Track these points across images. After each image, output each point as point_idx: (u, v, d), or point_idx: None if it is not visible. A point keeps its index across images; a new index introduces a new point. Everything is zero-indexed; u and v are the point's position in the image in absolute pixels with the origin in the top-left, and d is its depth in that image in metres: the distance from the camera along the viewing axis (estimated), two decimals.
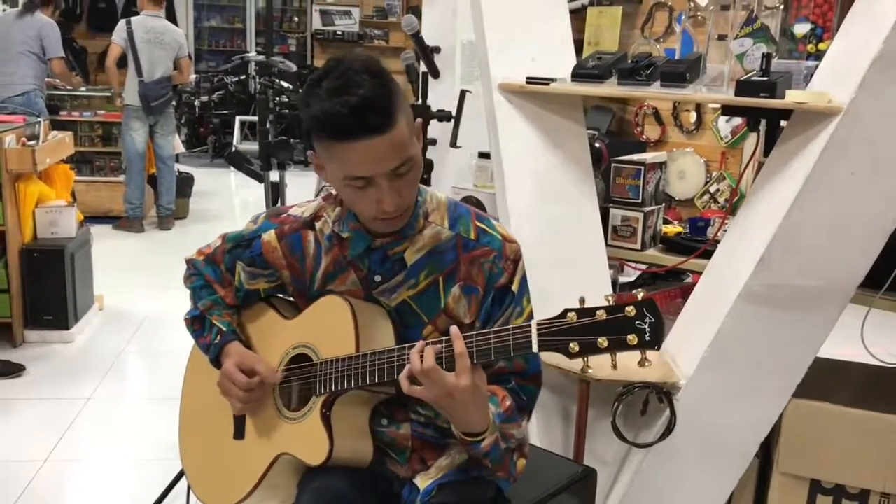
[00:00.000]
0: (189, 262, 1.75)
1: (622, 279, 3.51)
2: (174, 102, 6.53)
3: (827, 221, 2.04)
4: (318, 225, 1.61)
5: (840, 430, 2.26)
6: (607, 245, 2.69)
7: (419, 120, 1.49)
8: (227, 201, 8.22)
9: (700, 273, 2.68)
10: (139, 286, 5.15)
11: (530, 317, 1.58)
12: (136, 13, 6.36)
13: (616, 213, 2.75)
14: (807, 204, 2.02)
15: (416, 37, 2.88)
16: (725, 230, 2.62)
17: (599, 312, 1.29)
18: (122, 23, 6.27)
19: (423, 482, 1.57)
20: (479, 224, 1.58)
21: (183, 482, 2.70)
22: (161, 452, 3.06)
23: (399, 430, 1.61)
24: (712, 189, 5.64)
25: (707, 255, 2.56)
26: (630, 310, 1.27)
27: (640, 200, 2.71)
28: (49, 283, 4.11)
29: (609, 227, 2.76)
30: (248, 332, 1.71)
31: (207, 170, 9.08)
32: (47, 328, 4.16)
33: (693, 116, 5.77)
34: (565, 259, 2.44)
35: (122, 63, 6.32)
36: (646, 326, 1.27)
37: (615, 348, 1.29)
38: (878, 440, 2.23)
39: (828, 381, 2.35)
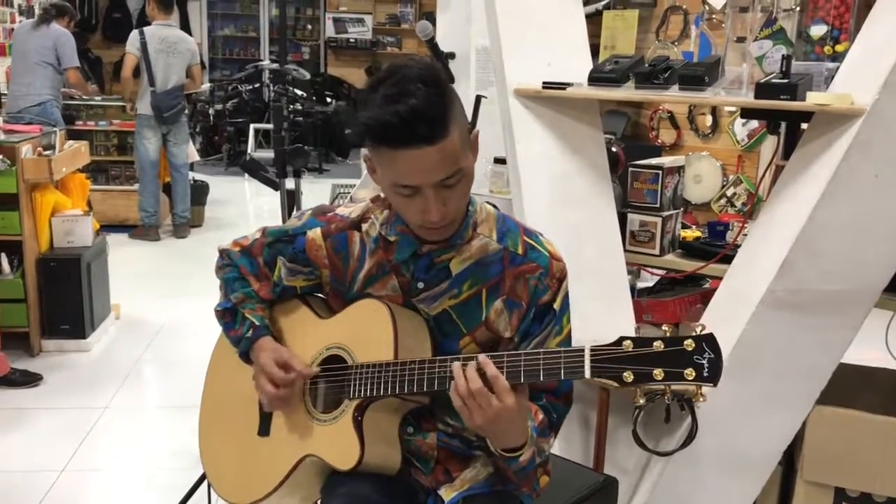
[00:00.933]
0: (223, 251, 1.72)
1: (640, 284, 3.47)
2: (187, 111, 6.54)
3: (850, 224, 2.00)
4: (364, 227, 1.60)
5: (865, 436, 2.22)
6: (625, 250, 2.66)
7: (476, 131, 1.47)
8: (242, 209, 8.24)
9: (719, 278, 2.65)
10: (155, 295, 5.16)
11: (569, 337, 1.56)
12: (150, 23, 6.38)
13: (634, 218, 2.72)
14: (830, 207, 1.99)
15: (431, 42, 2.86)
16: (745, 234, 2.59)
17: (657, 343, 1.27)
18: (135, 33, 6.29)
19: (447, 494, 1.55)
20: (527, 239, 1.56)
21: (202, 490, 2.69)
22: (179, 462, 3.06)
23: (425, 439, 1.59)
24: (729, 193, 5.60)
25: (727, 259, 2.52)
26: (689, 343, 1.26)
27: (658, 205, 2.68)
28: (65, 293, 4.12)
29: (627, 233, 2.73)
30: (281, 327, 1.69)
31: (222, 178, 9.10)
32: (64, 337, 4.17)
33: (709, 120, 5.72)
34: (584, 265, 2.41)
35: (136, 72, 6.35)
36: (704, 361, 1.25)
37: (671, 380, 1.27)
38: None
39: (852, 387, 2.32)
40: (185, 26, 11.91)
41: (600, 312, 2.37)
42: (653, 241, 2.71)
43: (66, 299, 4.13)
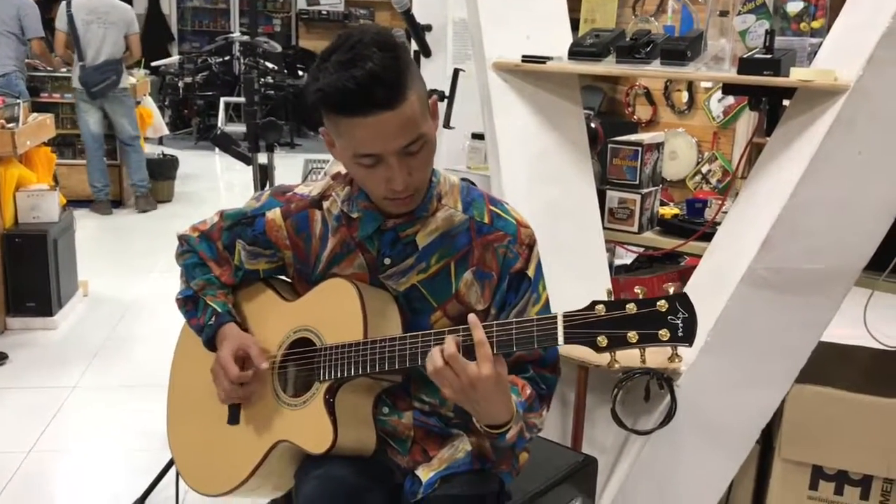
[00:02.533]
0: (182, 237, 1.67)
1: (617, 262, 3.46)
2: (125, 85, 6.32)
3: (833, 202, 1.99)
4: (325, 204, 1.55)
5: (843, 415, 2.22)
6: (604, 228, 2.63)
7: (434, 96, 1.43)
8: (213, 183, 8.12)
9: (696, 255, 2.63)
10: (124, 271, 5.07)
11: (546, 304, 1.53)
12: None
13: (613, 195, 2.69)
14: (812, 185, 1.97)
15: (407, 14, 2.81)
16: (724, 212, 2.57)
17: (630, 306, 1.25)
18: (62, 6, 6.01)
19: (425, 474, 1.52)
20: (492, 208, 1.53)
21: (173, 472, 2.65)
22: (149, 442, 3.00)
23: (401, 419, 1.56)
24: (704, 170, 5.60)
25: (705, 237, 2.51)
26: (662, 304, 1.23)
27: (637, 182, 2.65)
28: (31, 269, 4.03)
29: (605, 210, 2.70)
30: (245, 313, 1.64)
31: (192, 152, 8.97)
32: (30, 315, 4.08)
33: (685, 96, 5.71)
34: (562, 242, 2.39)
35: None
36: (678, 322, 1.23)
37: (645, 342, 1.24)
38: (882, 425, 2.20)
39: (830, 365, 2.31)
40: None
41: (578, 290, 2.33)
42: (631, 218, 2.69)
43: (32, 276, 4.04)
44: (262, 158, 2.74)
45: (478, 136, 3.17)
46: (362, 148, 1.35)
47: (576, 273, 2.37)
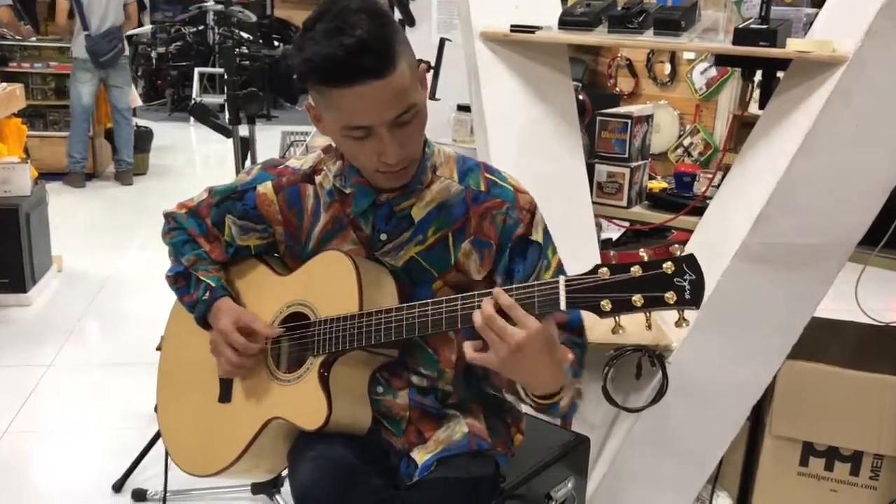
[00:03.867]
0: (168, 215, 1.61)
1: (603, 236, 3.42)
2: (127, 53, 6.23)
3: (829, 176, 1.95)
4: (317, 179, 1.50)
5: (833, 390, 2.22)
6: (592, 202, 2.59)
7: (423, 65, 1.38)
8: (188, 156, 7.99)
9: (685, 230, 2.60)
10: (100, 246, 4.98)
11: (559, 268, 1.49)
12: None
13: (602, 169, 2.64)
14: (808, 158, 1.93)
15: None
16: (715, 186, 2.53)
17: (634, 268, 1.19)
18: None
19: (421, 456, 1.48)
20: (489, 176, 1.49)
21: (155, 450, 2.60)
22: (128, 421, 2.94)
23: (396, 398, 1.52)
24: (686, 142, 5.57)
25: (695, 211, 2.47)
26: (668, 266, 1.17)
27: (626, 156, 2.60)
28: (3, 245, 3.93)
29: (594, 184, 2.66)
30: (238, 288, 1.59)
31: (167, 123, 8.82)
32: (3, 292, 3.98)
33: (668, 68, 5.67)
34: (551, 217, 2.30)
35: (71, 14, 6.03)
36: (685, 283, 1.17)
37: (651, 306, 1.18)
38: (872, 400, 2.19)
39: (821, 341, 2.30)
40: None
41: (568, 265, 2.30)
42: (620, 192, 2.65)
43: (4, 252, 3.93)
44: (243, 130, 2.67)
45: (464, 108, 3.11)
46: (352, 120, 1.29)
47: (564, 247, 2.32)
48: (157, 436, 2.58)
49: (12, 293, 4.00)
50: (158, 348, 1.75)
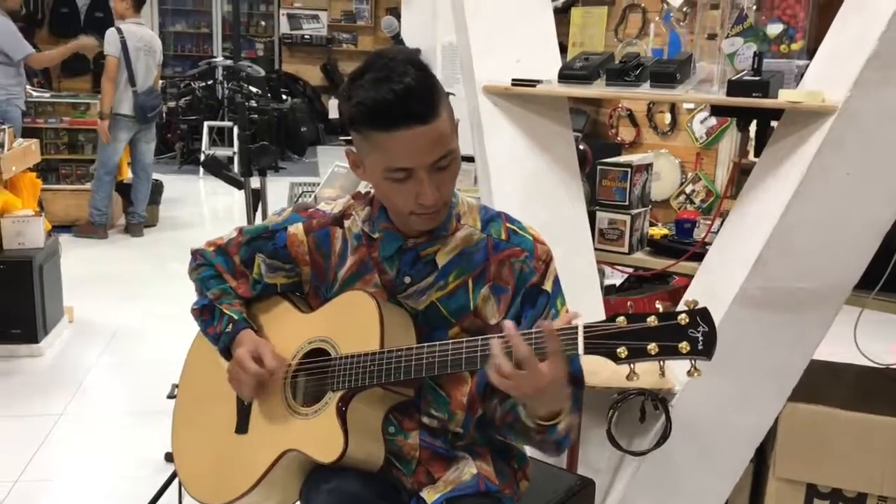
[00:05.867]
0: (196, 252, 1.68)
1: (606, 282, 3.47)
2: None
3: (823, 222, 2.01)
4: (346, 223, 1.58)
5: (836, 433, 2.24)
6: (594, 248, 2.65)
7: (458, 117, 1.46)
8: (197, 209, 8.09)
9: (686, 275, 2.65)
10: (110, 297, 5.03)
11: None
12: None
13: (603, 217, 2.70)
14: (802, 205, 1.99)
15: (397, 38, 2.82)
16: (714, 232, 2.59)
17: (651, 319, 1.27)
18: (112, 32, 6.07)
19: (430, 496, 1.52)
20: (509, 226, 1.57)
21: (166, 497, 2.62)
22: (140, 470, 2.96)
23: (407, 439, 1.56)
24: (688, 190, 5.64)
25: (695, 257, 2.52)
26: (683, 317, 1.26)
27: (627, 203, 2.67)
28: (16, 296, 3.98)
29: (596, 231, 2.72)
30: (261, 322, 1.65)
31: (176, 176, 8.93)
32: (15, 342, 4.03)
33: (668, 118, 5.76)
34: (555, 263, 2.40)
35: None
36: (699, 335, 1.25)
37: (665, 355, 1.26)
38: (875, 443, 2.21)
39: (822, 384, 2.33)
40: None
41: (571, 310, 2.35)
42: (622, 238, 2.70)
43: (17, 303, 3.99)
44: (255, 183, 2.74)
45: (467, 159, 3.17)
46: (395, 162, 1.37)
47: (568, 293, 2.37)
48: (167, 483, 2.60)
49: (24, 344, 4.04)
50: (170, 396, 1.80)
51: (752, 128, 2.41)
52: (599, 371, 2.11)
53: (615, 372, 1.34)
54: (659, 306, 1.30)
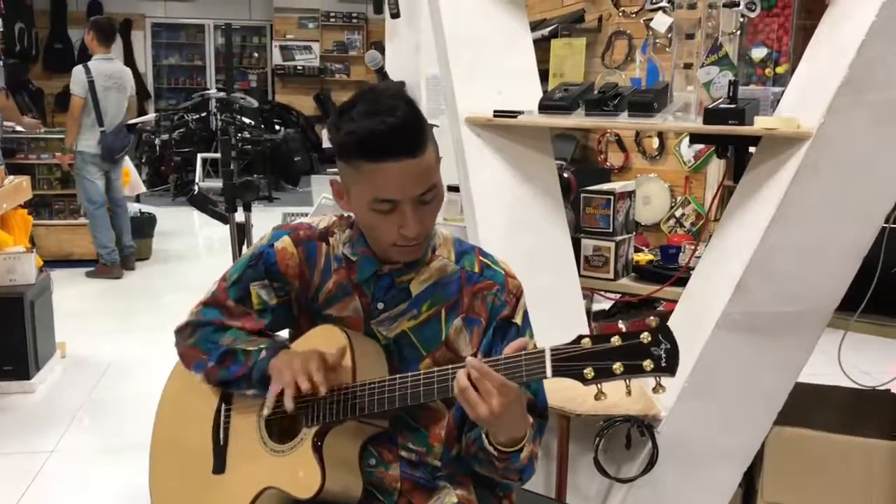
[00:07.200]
0: (183, 326, 1.63)
1: (595, 307, 3.49)
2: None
3: (801, 246, 2.03)
4: (331, 241, 1.58)
5: (822, 455, 2.25)
6: (580, 275, 2.67)
7: (442, 155, 1.49)
8: (191, 241, 8.10)
9: (672, 301, 2.66)
10: (102, 332, 5.03)
11: None
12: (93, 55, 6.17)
13: (588, 244, 2.73)
14: (781, 229, 2.01)
15: (381, 72, 2.86)
16: (698, 257, 2.61)
17: (614, 338, 1.30)
18: (79, 70, 5.95)
19: None
20: (482, 259, 1.59)
21: None
22: None
23: (388, 470, 1.56)
24: (678, 214, 5.67)
25: (680, 282, 2.54)
26: (645, 336, 1.28)
27: (611, 230, 2.70)
28: (8, 332, 3.98)
29: (581, 258, 2.74)
30: None
31: (170, 209, 8.96)
32: (7, 378, 4.02)
33: (656, 142, 5.80)
34: (540, 291, 2.39)
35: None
36: (661, 352, 1.28)
37: (631, 373, 1.29)
38: (861, 464, 2.22)
39: (807, 407, 2.34)
40: (129, 56, 11.78)
41: (557, 337, 2.36)
42: (607, 265, 2.73)
43: (8, 339, 3.99)
44: (240, 217, 2.76)
45: (453, 189, 3.21)
46: (382, 193, 1.39)
47: (553, 321, 2.39)
48: None
49: (16, 380, 4.03)
50: None
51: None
52: (587, 400, 2.12)
53: (593, 394, 1.35)
54: (622, 326, 1.32)
